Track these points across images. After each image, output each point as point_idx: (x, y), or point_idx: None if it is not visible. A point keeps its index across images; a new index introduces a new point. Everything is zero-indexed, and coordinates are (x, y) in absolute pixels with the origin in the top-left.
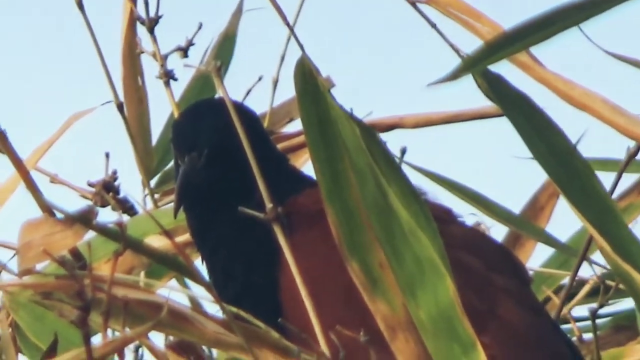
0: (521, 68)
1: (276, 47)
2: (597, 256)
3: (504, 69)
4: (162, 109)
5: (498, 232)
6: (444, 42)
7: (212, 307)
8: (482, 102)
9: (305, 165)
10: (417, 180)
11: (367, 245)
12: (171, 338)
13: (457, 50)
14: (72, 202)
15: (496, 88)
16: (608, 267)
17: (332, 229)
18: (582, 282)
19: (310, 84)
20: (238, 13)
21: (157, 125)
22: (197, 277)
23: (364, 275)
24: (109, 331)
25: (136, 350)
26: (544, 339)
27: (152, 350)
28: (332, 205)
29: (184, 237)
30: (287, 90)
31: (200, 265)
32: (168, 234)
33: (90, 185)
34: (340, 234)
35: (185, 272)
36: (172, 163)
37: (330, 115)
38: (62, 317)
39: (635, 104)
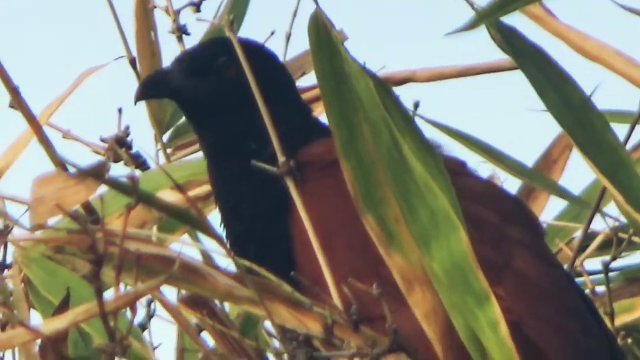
0: (535, 21)
1: (289, 1)
2: (609, 209)
3: (517, 21)
4: None
5: (511, 184)
6: None
7: (225, 261)
8: (495, 57)
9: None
10: (430, 133)
11: (383, 198)
12: (183, 292)
13: (471, 3)
14: (84, 158)
15: (510, 40)
16: (620, 219)
17: (348, 182)
18: (595, 235)
19: (325, 38)
20: None
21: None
22: (209, 231)
23: (380, 229)
24: (121, 285)
25: (148, 304)
26: (559, 291)
27: (165, 304)
28: (347, 159)
29: (197, 190)
30: (300, 45)
31: (213, 219)
32: (180, 187)
33: (102, 140)
34: (356, 188)
35: (197, 226)
36: (184, 118)
37: (344, 69)
38: (75, 272)
39: None
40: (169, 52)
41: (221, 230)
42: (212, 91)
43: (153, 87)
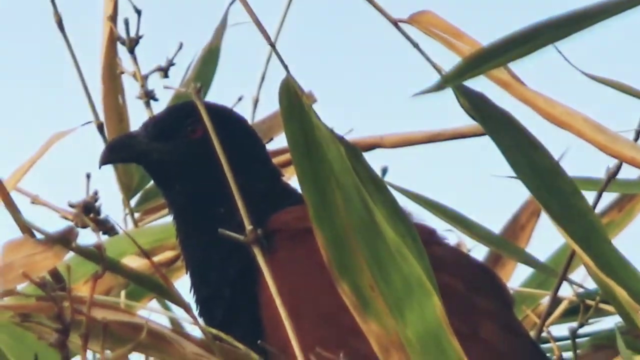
0: (502, 86)
1: (255, 64)
2: (576, 275)
3: (485, 88)
4: None
5: (479, 251)
6: (426, 62)
7: (193, 328)
8: (463, 122)
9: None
10: (399, 200)
11: (357, 266)
12: (151, 359)
13: (438, 69)
14: (53, 223)
15: (478, 106)
16: (587, 286)
17: (321, 250)
18: (562, 301)
19: (296, 105)
20: (222, 28)
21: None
22: (175, 298)
23: (355, 296)
24: (89, 353)
25: None
26: None
27: None
28: (320, 226)
29: (163, 256)
30: (268, 109)
31: (180, 285)
32: (146, 254)
33: (71, 206)
34: (330, 256)
35: (163, 293)
36: (152, 182)
37: (315, 136)
38: (42, 340)
39: (613, 122)
40: (137, 117)
41: (190, 296)
42: (178, 154)
43: (117, 150)
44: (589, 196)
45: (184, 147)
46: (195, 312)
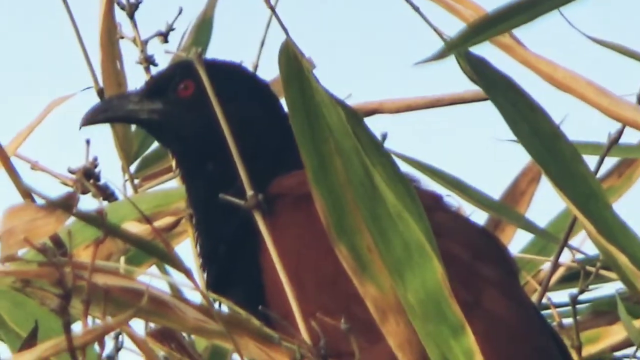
0: (504, 50)
1: (253, 30)
2: (576, 241)
3: (487, 52)
4: None
5: (478, 217)
6: (427, 26)
7: (194, 294)
8: (465, 87)
9: None
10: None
11: (355, 229)
12: (152, 325)
13: (440, 34)
14: (53, 189)
15: (480, 71)
16: (587, 252)
17: (320, 213)
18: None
19: (295, 68)
20: None
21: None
22: (176, 264)
23: (353, 259)
24: (90, 319)
25: (116, 337)
26: (528, 331)
27: (133, 337)
28: (319, 189)
29: (164, 221)
30: (268, 75)
31: (180, 250)
32: (147, 219)
33: (71, 172)
34: (328, 218)
35: (164, 258)
36: (152, 148)
37: (315, 99)
38: (43, 305)
39: (616, 86)
40: (137, 82)
41: (190, 262)
42: (167, 112)
43: (102, 111)
44: (591, 161)
45: (173, 105)
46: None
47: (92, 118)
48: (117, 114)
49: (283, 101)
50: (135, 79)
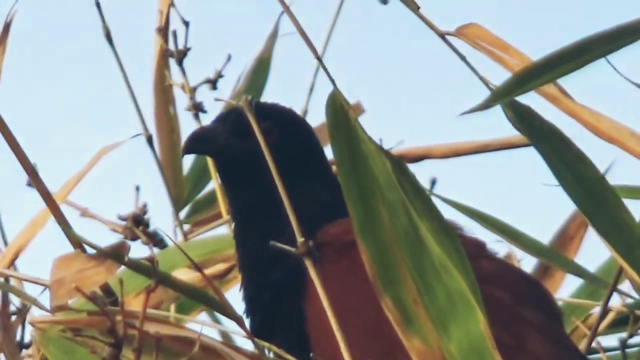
0: (549, 100)
1: (305, 74)
2: (625, 286)
3: (532, 100)
4: None
5: (527, 263)
6: (473, 74)
7: (245, 341)
8: (510, 132)
9: None
10: (447, 212)
11: (401, 280)
12: None
13: (486, 82)
14: (102, 236)
15: (525, 119)
16: (636, 296)
17: (366, 264)
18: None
19: (342, 119)
20: (272, 38)
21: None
22: (228, 311)
23: (398, 311)
24: None
25: None
26: None
27: None
28: (365, 241)
29: (214, 268)
30: (316, 120)
31: (231, 297)
32: (197, 266)
33: (120, 218)
34: (374, 270)
35: (215, 306)
36: (202, 193)
37: (361, 150)
38: (94, 354)
39: None
40: (187, 129)
41: (241, 307)
42: (254, 154)
43: (201, 142)
44: (637, 206)
45: (260, 148)
46: (244, 318)
47: (194, 147)
48: (212, 147)
49: (328, 148)
50: (185, 126)
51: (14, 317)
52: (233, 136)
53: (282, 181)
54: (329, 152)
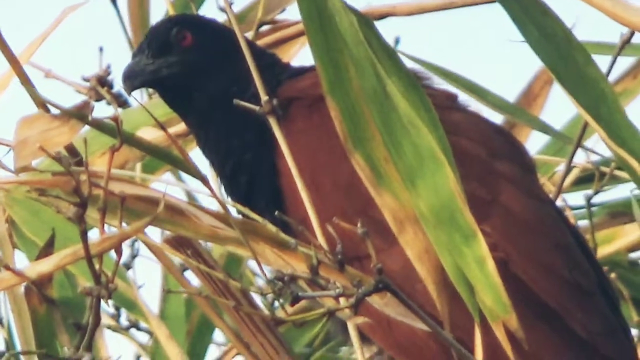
0: None
1: None
2: (591, 142)
3: None
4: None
5: (493, 119)
6: None
7: (210, 200)
8: None
9: (297, 57)
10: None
11: (371, 138)
12: (168, 232)
13: None
14: (67, 97)
15: None
16: (602, 154)
17: (335, 122)
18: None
19: None
20: None
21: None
22: (192, 171)
23: (369, 168)
24: (106, 227)
25: (132, 244)
26: (546, 227)
27: (149, 244)
28: (334, 99)
29: (179, 127)
30: None
31: (195, 156)
32: (162, 125)
33: (84, 79)
34: (344, 128)
35: (180, 165)
36: None
37: (328, 8)
38: (60, 214)
39: None
40: None
41: (206, 168)
42: (182, 62)
43: (134, 79)
44: (603, 62)
45: (183, 56)
46: (219, 188)
47: (133, 85)
48: (147, 78)
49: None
50: None
51: None
52: (155, 57)
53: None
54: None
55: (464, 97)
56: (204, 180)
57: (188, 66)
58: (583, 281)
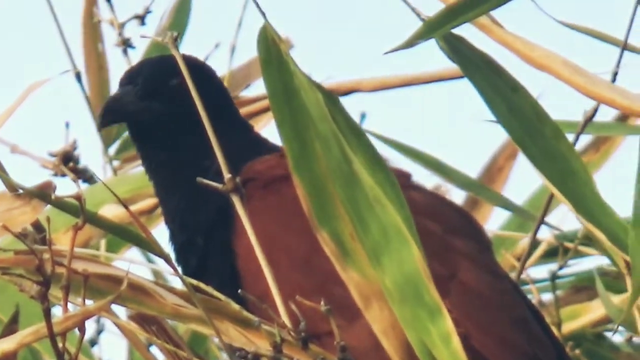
0: (481, 29)
1: (231, 11)
2: (555, 216)
3: (464, 29)
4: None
5: (457, 196)
6: (404, 5)
7: (174, 278)
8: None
9: (263, 130)
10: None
11: (336, 214)
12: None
13: (418, 14)
14: (32, 172)
15: (457, 49)
16: (565, 229)
17: (301, 199)
18: (540, 244)
19: (274, 52)
20: None
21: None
22: (155, 248)
23: (335, 245)
24: (70, 305)
25: (98, 319)
26: (504, 302)
27: (114, 320)
28: (300, 175)
29: (143, 204)
30: (245, 56)
31: (158, 233)
32: (124, 204)
33: (50, 155)
34: (310, 205)
35: (142, 244)
36: None
37: (294, 84)
38: (23, 292)
39: (589, 67)
40: (115, 65)
41: (169, 246)
42: (167, 113)
43: (111, 114)
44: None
45: (170, 106)
46: (174, 262)
47: (107, 120)
48: (125, 116)
49: (261, 82)
50: (114, 61)
51: None
52: (143, 98)
53: (197, 130)
54: (257, 89)
55: (425, 174)
56: (167, 258)
57: (171, 120)
58: (542, 354)
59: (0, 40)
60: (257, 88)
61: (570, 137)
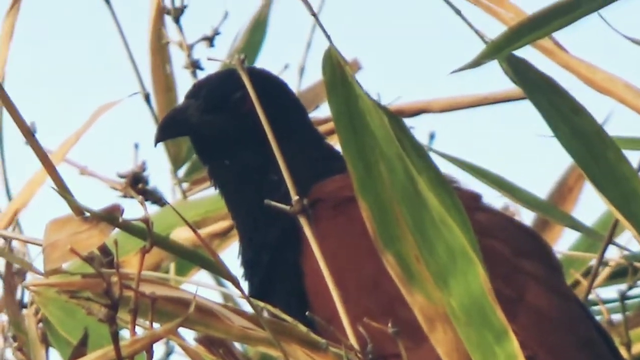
0: (544, 53)
1: (303, 32)
2: (625, 237)
3: (527, 53)
4: None
5: (526, 216)
6: (469, 29)
7: (243, 302)
8: (506, 86)
9: None
10: (443, 166)
11: (401, 236)
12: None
13: (481, 36)
14: (102, 194)
15: (520, 72)
16: (635, 248)
17: (366, 221)
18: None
19: (339, 75)
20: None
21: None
22: (223, 272)
23: (400, 267)
24: (137, 328)
25: (167, 342)
26: (572, 324)
27: (182, 344)
28: (365, 198)
29: (214, 227)
30: (314, 76)
31: (227, 257)
32: (192, 227)
33: (119, 176)
34: (375, 227)
35: (210, 267)
36: None
37: (359, 106)
38: (91, 315)
39: None
40: (184, 87)
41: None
42: (230, 127)
43: (172, 127)
44: (634, 157)
45: (235, 120)
46: (242, 279)
47: (164, 134)
48: (184, 130)
49: (326, 106)
50: (182, 83)
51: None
52: (206, 112)
53: (265, 145)
54: (326, 110)
55: (494, 195)
56: (235, 282)
57: (235, 134)
58: None
59: (68, 62)
60: (326, 109)
61: (632, 159)
